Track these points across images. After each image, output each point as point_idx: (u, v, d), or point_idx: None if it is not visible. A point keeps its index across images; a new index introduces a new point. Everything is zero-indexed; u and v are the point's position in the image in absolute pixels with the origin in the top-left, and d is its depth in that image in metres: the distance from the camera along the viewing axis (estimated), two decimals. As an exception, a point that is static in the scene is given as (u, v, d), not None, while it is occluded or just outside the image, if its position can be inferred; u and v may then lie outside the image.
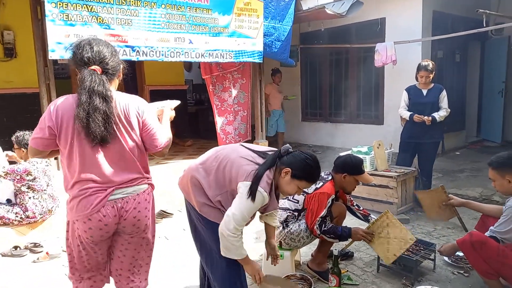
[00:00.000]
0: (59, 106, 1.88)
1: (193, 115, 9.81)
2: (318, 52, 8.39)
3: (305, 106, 9.11)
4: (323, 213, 2.77)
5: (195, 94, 11.84)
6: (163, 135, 2.08)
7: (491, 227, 2.54)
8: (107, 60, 1.90)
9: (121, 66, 2.03)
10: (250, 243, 3.81)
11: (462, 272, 3.04)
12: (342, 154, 4.63)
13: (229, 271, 2.23)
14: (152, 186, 2.20)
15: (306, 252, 3.48)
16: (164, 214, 4.49)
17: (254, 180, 2.02)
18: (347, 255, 3.34)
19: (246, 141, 6.27)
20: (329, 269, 2.87)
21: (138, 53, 4.28)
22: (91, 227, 1.92)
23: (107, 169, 1.92)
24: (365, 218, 3.21)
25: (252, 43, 5.36)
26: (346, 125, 8.14)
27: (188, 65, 11.44)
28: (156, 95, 8.38)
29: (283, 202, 3.00)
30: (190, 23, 4.67)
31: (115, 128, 1.89)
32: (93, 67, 1.86)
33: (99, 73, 1.86)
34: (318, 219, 2.76)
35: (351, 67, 7.92)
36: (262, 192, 2.02)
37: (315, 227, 2.77)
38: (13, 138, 3.86)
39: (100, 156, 1.90)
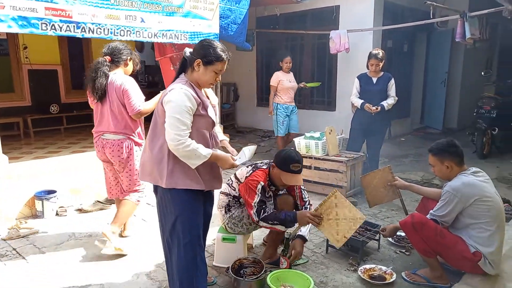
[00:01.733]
0: None
1: (146, 97, 9.48)
2: (274, 37, 8.39)
3: (260, 91, 9.11)
4: (256, 198, 2.69)
5: (148, 76, 11.42)
6: (139, 103, 3.14)
7: (431, 211, 2.70)
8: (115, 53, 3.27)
9: (128, 57, 3.37)
10: (203, 227, 3.80)
11: (403, 251, 3.23)
12: (298, 139, 4.79)
13: (187, 259, 2.26)
14: (133, 141, 3.25)
15: (259, 235, 3.53)
16: (113, 200, 4.33)
17: (170, 85, 2.24)
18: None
19: (228, 125, 6.12)
20: (280, 253, 2.93)
21: (83, 30, 4.02)
22: (97, 153, 3.35)
23: (100, 120, 3.25)
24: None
25: (208, 25, 5.23)
26: (299, 110, 8.23)
27: (140, 46, 10.97)
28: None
29: (226, 187, 2.97)
30: (142, 0, 4.45)
31: (107, 94, 3.15)
32: (106, 57, 3.24)
33: (107, 60, 3.23)
34: (253, 205, 2.68)
35: (306, 54, 8.01)
36: (180, 88, 2.16)
37: (252, 214, 2.69)
38: None
39: (98, 112, 3.26)
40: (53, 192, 4.06)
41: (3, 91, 6.84)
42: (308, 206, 3.05)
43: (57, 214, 4.05)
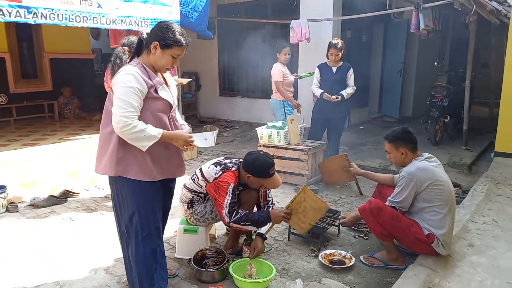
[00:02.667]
0: None
1: (102, 87, 9.12)
2: (235, 26, 8.31)
3: (222, 81, 9.04)
4: (227, 200, 2.63)
5: (104, 65, 10.96)
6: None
7: (389, 198, 2.79)
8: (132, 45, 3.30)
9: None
10: (164, 219, 3.73)
11: (362, 235, 3.34)
12: (260, 128, 4.78)
13: (145, 253, 2.21)
14: None
15: (222, 225, 3.51)
16: (68, 194, 4.16)
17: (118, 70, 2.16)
18: (261, 227, 3.43)
19: (191, 115, 5.96)
20: (242, 243, 2.93)
21: (35, 16, 3.77)
22: None
23: None
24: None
25: (168, 12, 5.08)
26: (262, 100, 8.27)
27: (96, 33, 10.52)
28: (58, 65, 7.60)
29: (190, 183, 2.91)
30: (97, -16, 4.24)
31: None
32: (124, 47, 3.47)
33: (126, 50, 3.46)
34: (225, 205, 2.62)
35: (268, 43, 8.00)
36: (128, 69, 2.08)
37: (223, 215, 2.62)
38: None
39: None
40: (2, 187, 3.83)
41: None
42: (272, 205, 3.02)
43: (7, 210, 3.83)
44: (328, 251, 2.99)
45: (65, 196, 4.12)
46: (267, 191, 3.04)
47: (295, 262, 2.92)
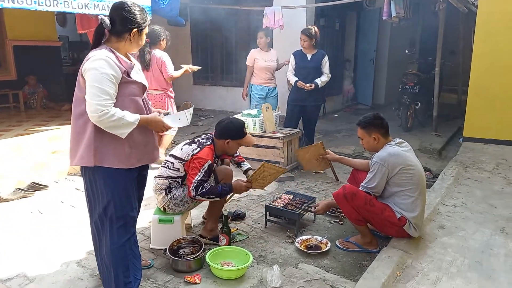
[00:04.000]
0: None
1: (70, 76, 8.79)
2: (208, 13, 8.15)
3: (196, 69, 8.88)
4: (198, 176, 2.71)
5: (72, 53, 10.59)
6: (171, 70, 3.91)
7: (362, 183, 2.83)
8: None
9: (162, 38, 4.59)
10: (138, 210, 3.66)
11: (337, 221, 3.39)
12: (232, 116, 4.71)
13: (121, 243, 2.17)
14: (167, 95, 4.70)
15: (197, 214, 3.49)
16: (36, 187, 4.00)
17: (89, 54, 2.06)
18: (238, 216, 3.42)
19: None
20: (220, 229, 2.92)
21: None
22: None
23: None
24: (238, 164, 3.32)
25: (136, -4, 4.90)
26: (236, 89, 8.20)
27: (62, 20, 10.09)
28: (22, 52, 7.24)
29: (164, 171, 2.89)
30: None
31: (151, 64, 4.33)
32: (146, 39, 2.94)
33: (147, 41, 3.50)
34: (194, 181, 2.70)
35: (241, 30, 7.91)
36: (99, 54, 1.99)
37: (190, 189, 2.71)
38: None
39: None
40: (-36, 181, 3.64)
41: None
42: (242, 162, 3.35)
43: (-30, 205, 3.65)
44: (304, 237, 3.01)
45: (33, 189, 3.97)
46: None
47: (272, 249, 2.93)
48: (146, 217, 3.47)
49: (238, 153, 3.33)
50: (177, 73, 4.68)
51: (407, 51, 7.95)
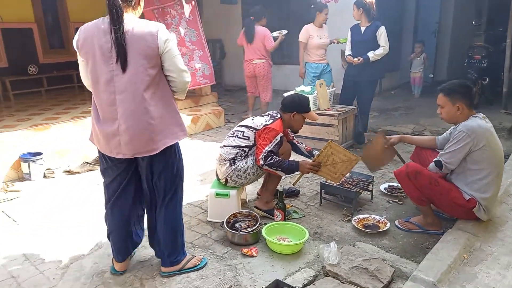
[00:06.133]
0: None
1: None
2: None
3: (247, 47, 8.83)
4: (269, 147, 2.78)
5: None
6: (272, 42, 5.42)
7: (440, 152, 2.63)
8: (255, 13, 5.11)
9: (263, 16, 5.68)
10: (196, 185, 3.76)
11: (396, 201, 3.26)
12: (287, 94, 4.64)
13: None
14: (269, 63, 5.81)
15: (252, 190, 3.52)
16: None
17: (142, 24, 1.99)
18: (293, 193, 3.41)
19: (216, 84, 6.00)
20: (275, 205, 2.92)
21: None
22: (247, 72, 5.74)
23: (251, 53, 5.78)
24: (309, 153, 3.26)
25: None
26: (287, 66, 8.08)
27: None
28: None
29: (232, 140, 2.94)
30: None
31: (255, 37, 5.70)
32: (251, 17, 5.26)
33: (252, 18, 5.50)
34: (264, 151, 2.76)
35: (294, 6, 7.71)
36: (159, 25, 2.01)
37: (259, 157, 2.77)
38: None
39: (249, 48, 5.84)
40: (39, 154, 3.94)
41: (-25, 52, 6.50)
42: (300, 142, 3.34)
43: (44, 176, 3.96)
44: (361, 216, 2.93)
45: (98, 162, 4.20)
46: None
47: (327, 227, 2.89)
48: (203, 191, 3.58)
49: (304, 144, 3.33)
50: (276, 43, 5.64)
51: (473, 22, 7.32)
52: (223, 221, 2.77)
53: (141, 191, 2.29)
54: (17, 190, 3.60)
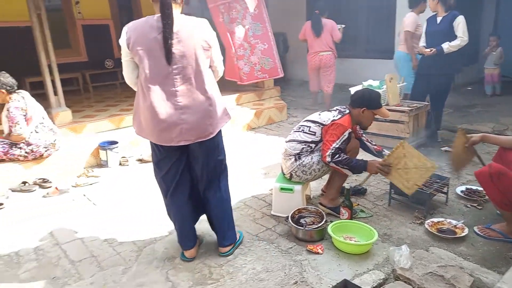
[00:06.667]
0: None
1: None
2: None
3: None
4: (337, 143, 2.71)
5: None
6: (340, 35, 5.82)
7: None
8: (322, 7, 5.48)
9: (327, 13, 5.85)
10: (259, 178, 3.79)
11: (475, 205, 3.02)
12: (354, 88, 4.49)
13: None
14: (335, 55, 6.02)
15: (316, 187, 3.47)
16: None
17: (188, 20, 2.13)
18: (359, 191, 3.31)
19: (279, 78, 6.13)
20: (341, 204, 2.85)
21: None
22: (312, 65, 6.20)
23: (317, 45, 6.06)
24: (379, 153, 3.12)
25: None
26: (351, 60, 7.83)
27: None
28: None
29: (298, 135, 2.91)
30: None
31: (323, 31, 5.92)
32: (316, 11, 5.90)
33: (317, 12, 5.92)
34: (332, 148, 2.70)
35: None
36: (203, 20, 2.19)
37: (326, 154, 2.71)
38: None
39: (314, 41, 6.09)
40: (115, 143, 4.22)
41: (61, 47, 7.06)
42: (369, 140, 3.21)
43: (120, 163, 4.23)
44: (435, 219, 2.76)
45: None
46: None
47: (397, 228, 2.76)
48: (266, 184, 3.60)
49: (374, 142, 3.21)
50: (340, 34, 5.90)
51: None
52: (288, 216, 2.76)
53: (193, 177, 2.42)
54: (96, 176, 3.89)
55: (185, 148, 2.28)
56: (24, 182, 3.66)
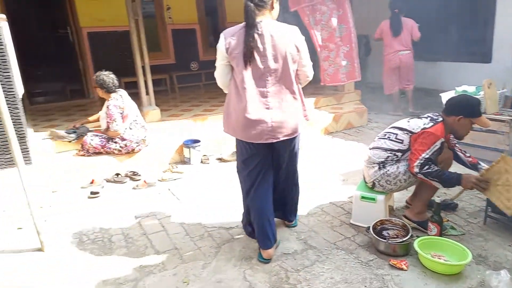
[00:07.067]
0: None
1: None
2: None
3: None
4: (427, 154, 2.51)
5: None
6: (419, 33, 5.84)
7: None
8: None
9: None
10: (337, 185, 3.69)
11: None
12: (446, 94, 4.17)
13: None
14: (413, 53, 5.83)
15: (400, 198, 3.28)
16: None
17: (281, 26, 2.31)
18: (449, 206, 3.05)
19: (360, 82, 6.21)
20: (429, 218, 2.65)
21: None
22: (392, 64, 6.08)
23: (397, 44, 5.91)
24: (473, 166, 2.83)
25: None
26: (440, 63, 7.27)
27: None
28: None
29: (384, 142, 2.77)
30: None
31: (403, 28, 5.85)
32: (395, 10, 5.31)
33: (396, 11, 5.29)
34: (421, 158, 2.50)
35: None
36: (291, 26, 2.34)
37: (414, 164, 2.51)
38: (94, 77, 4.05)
39: (393, 40, 5.98)
40: (198, 141, 4.41)
41: (152, 51, 7.60)
42: (463, 151, 2.93)
43: (201, 161, 4.42)
44: (543, 244, 2.44)
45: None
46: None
47: (494, 250, 2.49)
48: (345, 191, 3.49)
49: (468, 153, 2.94)
50: (419, 33, 5.85)
51: None
52: (369, 227, 2.64)
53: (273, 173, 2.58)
54: (180, 172, 4.10)
55: (270, 145, 2.41)
56: (117, 174, 4.00)
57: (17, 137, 2.64)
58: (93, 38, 6.76)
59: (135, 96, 4.78)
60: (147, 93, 4.85)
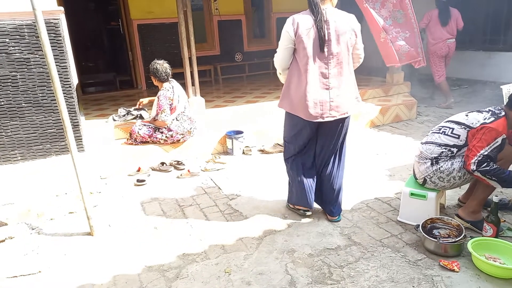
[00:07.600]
0: None
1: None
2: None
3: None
4: (486, 150, 2.34)
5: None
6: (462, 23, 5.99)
7: None
8: None
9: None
10: (384, 180, 3.55)
11: None
12: (507, 86, 3.87)
13: None
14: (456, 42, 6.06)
15: (452, 196, 3.10)
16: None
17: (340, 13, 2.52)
18: (506, 206, 2.84)
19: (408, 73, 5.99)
20: (484, 218, 2.48)
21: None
22: (441, 52, 6.07)
23: (446, 33, 6.02)
24: None
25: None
26: (503, 54, 6.78)
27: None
28: (283, 24, 8.13)
29: (438, 137, 2.61)
30: None
31: (451, 19, 5.98)
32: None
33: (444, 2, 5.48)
34: (479, 155, 2.35)
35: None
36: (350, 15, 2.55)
37: (471, 161, 2.36)
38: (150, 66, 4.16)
39: (443, 30, 6.03)
40: (241, 132, 4.42)
41: (198, 42, 7.71)
42: None
43: (243, 152, 4.43)
44: None
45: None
46: None
47: (559, 256, 2.28)
48: (392, 187, 3.36)
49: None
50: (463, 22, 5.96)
51: None
52: (418, 225, 2.52)
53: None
54: (223, 162, 4.14)
55: (318, 125, 2.64)
56: (163, 163, 4.10)
57: (71, 125, 2.76)
58: (142, 30, 6.95)
59: (181, 86, 4.86)
60: (193, 84, 4.92)
